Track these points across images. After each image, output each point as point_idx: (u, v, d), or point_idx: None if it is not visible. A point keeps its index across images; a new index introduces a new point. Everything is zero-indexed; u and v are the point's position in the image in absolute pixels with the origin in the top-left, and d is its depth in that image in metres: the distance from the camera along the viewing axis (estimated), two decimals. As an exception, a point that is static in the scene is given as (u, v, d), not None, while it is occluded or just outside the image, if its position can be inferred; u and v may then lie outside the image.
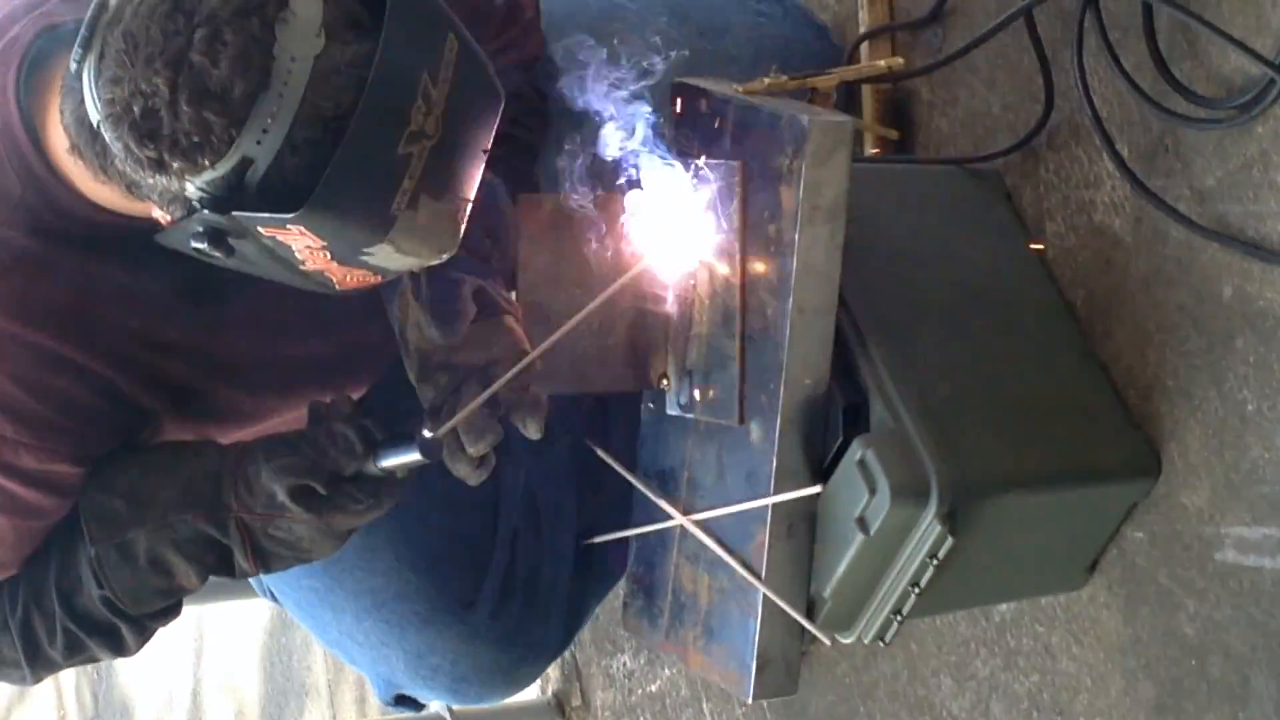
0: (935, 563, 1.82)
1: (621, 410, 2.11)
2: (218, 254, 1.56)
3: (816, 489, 1.84)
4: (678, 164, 1.86)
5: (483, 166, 1.61)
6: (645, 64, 1.80)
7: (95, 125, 1.53)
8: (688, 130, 1.90)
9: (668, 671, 2.86)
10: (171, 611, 1.88)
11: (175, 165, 1.49)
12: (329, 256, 1.55)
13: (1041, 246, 2.05)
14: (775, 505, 1.85)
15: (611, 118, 1.80)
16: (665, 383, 1.95)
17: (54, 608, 1.82)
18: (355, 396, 1.98)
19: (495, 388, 1.72)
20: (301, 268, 1.58)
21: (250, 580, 2.20)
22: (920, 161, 2.20)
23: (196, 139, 1.48)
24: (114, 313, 1.78)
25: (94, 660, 1.92)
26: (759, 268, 1.83)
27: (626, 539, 2.08)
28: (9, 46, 1.68)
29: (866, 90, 2.25)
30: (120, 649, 1.87)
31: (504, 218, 1.91)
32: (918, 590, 1.85)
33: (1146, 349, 1.93)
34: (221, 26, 1.46)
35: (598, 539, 2.17)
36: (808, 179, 1.77)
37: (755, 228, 1.83)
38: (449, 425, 1.72)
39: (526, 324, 1.86)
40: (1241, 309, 1.83)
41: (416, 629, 2.16)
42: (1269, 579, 1.82)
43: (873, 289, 1.89)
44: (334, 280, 1.61)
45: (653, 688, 2.90)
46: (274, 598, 2.27)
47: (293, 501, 1.74)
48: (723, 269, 1.86)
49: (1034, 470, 1.88)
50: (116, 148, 1.52)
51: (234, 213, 1.51)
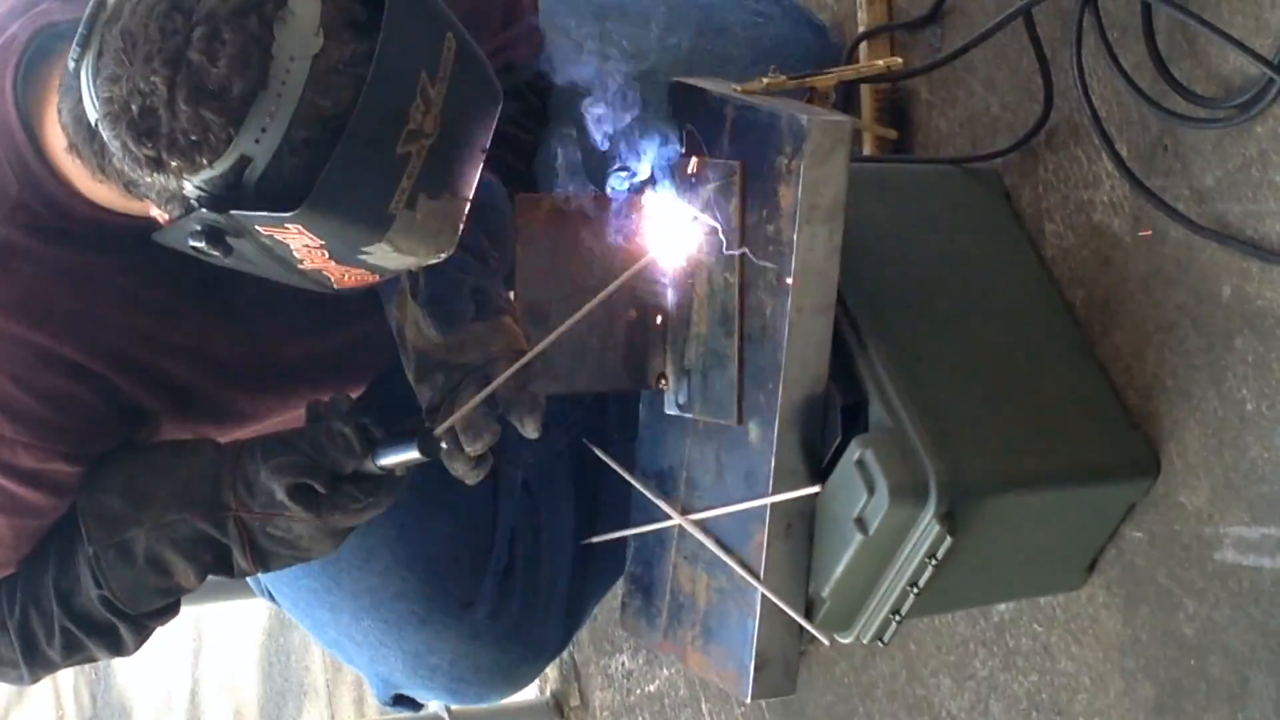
0: (934, 562, 1.81)
1: (620, 410, 2.11)
2: (216, 253, 1.56)
3: (815, 489, 1.84)
4: (676, 163, 1.86)
5: (481, 166, 1.61)
6: (644, 63, 1.80)
7: (93, 124, 1.53)
8: (686, 130, 1.89)
9: (666, 671, 2.86)
10: (170, 611, 1.88)
11: (173, 164, 1.49)
12: (327, 255, 1.55)
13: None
14: (774, 505, 1.85)
15: (610, 117, 1.80)
16: (663, 382, 1.94)
17: (52, 607, 1.82)
18: (354, 395, 1.98)
19: (493, 387, 1.72)
20: (299, 267, 1.58)
21: (248, 580, 2.20)
22: (919, 161, 2.19)
23: (195, 138, 1.48)
24: (113, 312, 1.78)
25: (92, 660, 1.92)
26: (757, 267, 1.83)
27: (625, 539, 2.08)
28: (7, 45, 1.68)
29: (865, 90, 2.25)
30: (119, 648, 1.87)
31: (502, 217, 1.91)
32: (916, 590, 1.85)
33: (1145, 349, 1.93)
34: (220, 25, 1.46)
35: (596, 539, 2.17)
36: (806, 178, 1.77)
37: (754, 227, 1.83)
38: (447, 424, 1.72)
39: (524, 323, 1.86)
40: (1240, 308, 1.82)
41: (415, 629, 2.16)
42: (1268, 579, 1.82)
43: (871, 289, 1.89)
44: (332, 279, 1.61)
45: (651, 688, 2.90)
46: (272, 597, 2.27)
47: (291, 500, 1.74)
48: (721, 269, 1.86)
49: (1033, 470, 1.88)
50: (114, 146, 1.52)
51: (232, 211, 1.51)
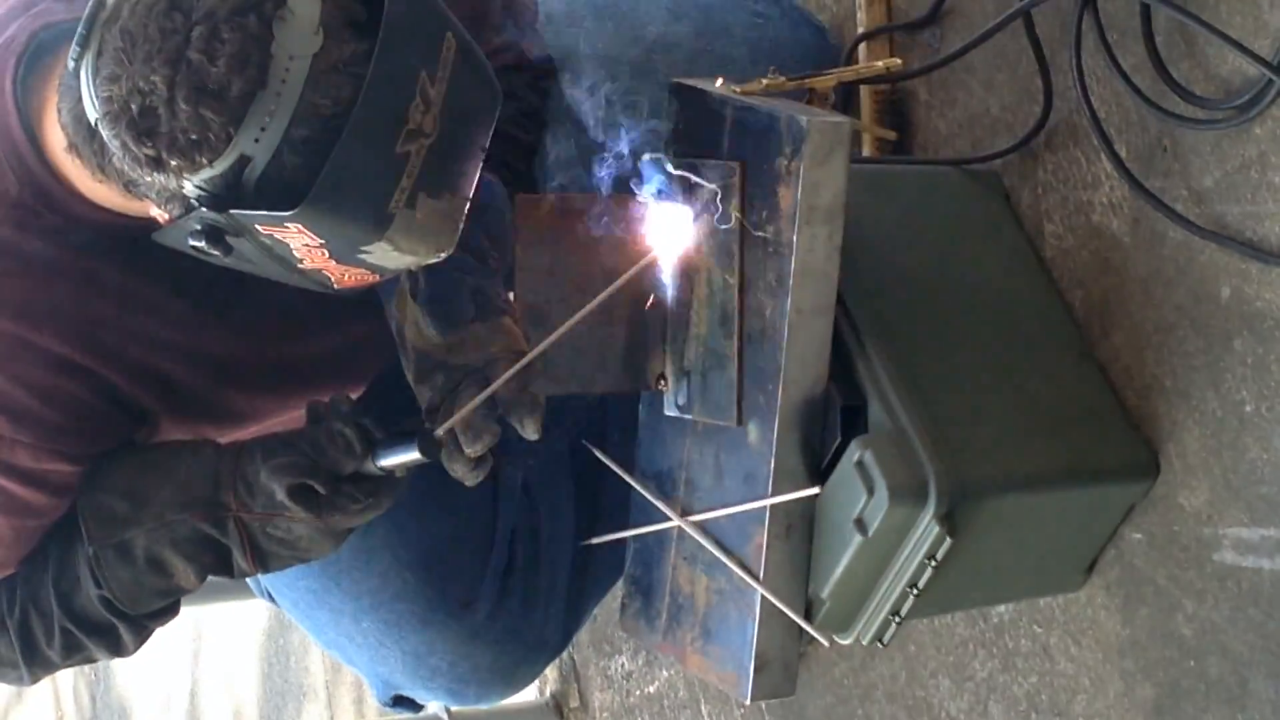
0: (933, 564, 1.81)
1: (619, 411, 2.11)
2: (215, 252, 1.56)
3: (815, 490, 1.84)
4: (676, 164, 1.86)
5: (481, 165, 1.61)
6: (643, 64, 1.80)
7: (93, 123, 1.53)
8: (686, 131, 1.89)
9: (666, 673, 2.86)
10: (169, 611, 1.88)
11: (173, 163, 1.49)
12: (327, 255, 1.55)
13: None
14: (773, 506, 1.85)
15: (609, 118, 1.80)
16: (663, 383, 1.94)
17: (52, 607, 1.82)
18: (354, 396, 1.98)
19: (493, 388, 1.72)
20: (299, 266, 1.58)
21: (248, 581, 2.20)
22: (918, 162, 2.19)
23: (194, 137, 1.48)
24: (113, 313, 1.78)
25: (92, 660, 1.92)
26: (757, 268, 1.83)
27: (624, 540, 2.07)
28: (6, 45, 1.69)
29: (864, 91, 2.25)
30: (118, 649, 1.87)
31: (502, 218, 1.90)
32: (916, 591, 1.85)
33: (1144, 350, 1.93)
34: (219, 24, 1.46)
35: (596, 540, 2.17)
36: (806, 179, 1.77)
37: (753, 228, 1.83)
38: (447, 425, 1.72)
39: (524, 324, 1.86)
40: (1239, 310, 1.82)
41: (414, 629, 2.16)
42: (1267, 580, 1.82)
43: (871, 290, 1.89)
44: (332, 279, 1.61)
45: (651, 689, 2.90)
46: (272, 598, 2.27)
47: (291, 501, 1.74)
48: (721, 270, 1.86)
49: (1032, 471, 1.88)
50: (114, 146, 1.52)
51: (232, 211, 1.51)
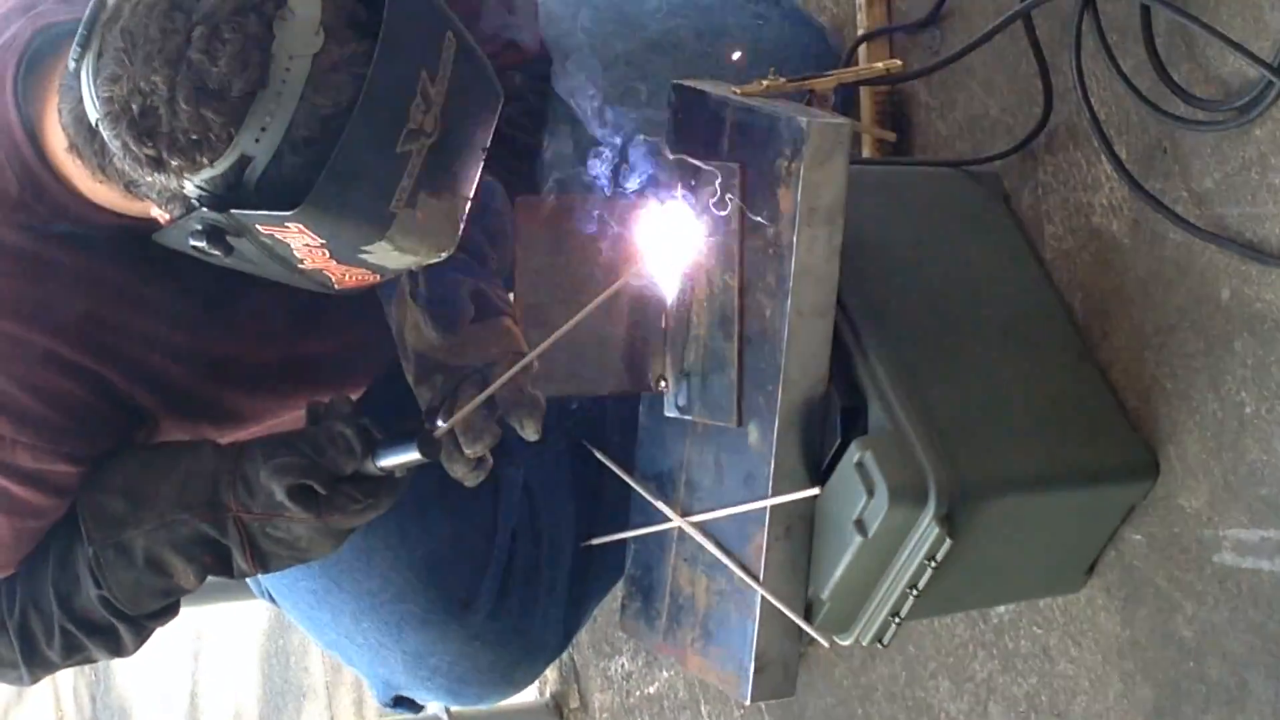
0: (933, 565, 1.81)
1: (619, 412, 2.11)
2: (216, 252, 1.56)
3: (814, 491, 1.84)
4: (676, 166, 1.86)
5: (481, 165, 1.61)
6: (643, 65, 1.80)
7: (94, 124, 1.53)
8: (686, 132, 1.90)
9: (666, 673, 2.86)
10: (169, 612, 1.88)
11: (174, 163, 1.49)
12: (328, 255, 1.55)
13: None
14: (773, 507, 1.85)
15: (609, 119, 1.80)
16: (663, 385, 1.94)
17: (52, 608, 1.82)
18: (354, 397, 1.98)
19: (493, 388, 1.72)
20: (300, 266, 1.58)
21: (248, 582, 2.20)
22: (918, 164, 2.19)
23: (195, 137, 1.48)
24: (113, 313, 1.78)
25: (92, 661, 1.92)
26: (757, 270, 1.83)
27: (624, 541, 2.08)
28: (7, 46, 1.69)
29: (865, 92, 2.25)
30: (118, 649, 1.87)
31: (502, 219, 1.91)
32: (916, 592, 1.85)
33: (1144, 351, 1.93)
34: (220, 24, 1.46)
35: (596, 541, 2.17)
36: (806, 181, 1.77)
37: (753, 229, 1.83)
38: (447, 425, 1.72)
39: (524, 325, 1.86)
40: (1240, 311, 1.82)
41: (415, 630, 2.16)
42: (1267, 581, 1.82)
43: (871, 291, 1.89)
44: (332, 279, 1.61)
45: (651, 689, 2.90)
46: (272, 599, 2.27)
47: (291, 501, 1.73)
48: (721, 271, 1.86)
49: (1032, 472, 1.88)
50: (115, 146, 1.52)
51: (233, 211, 1.51)
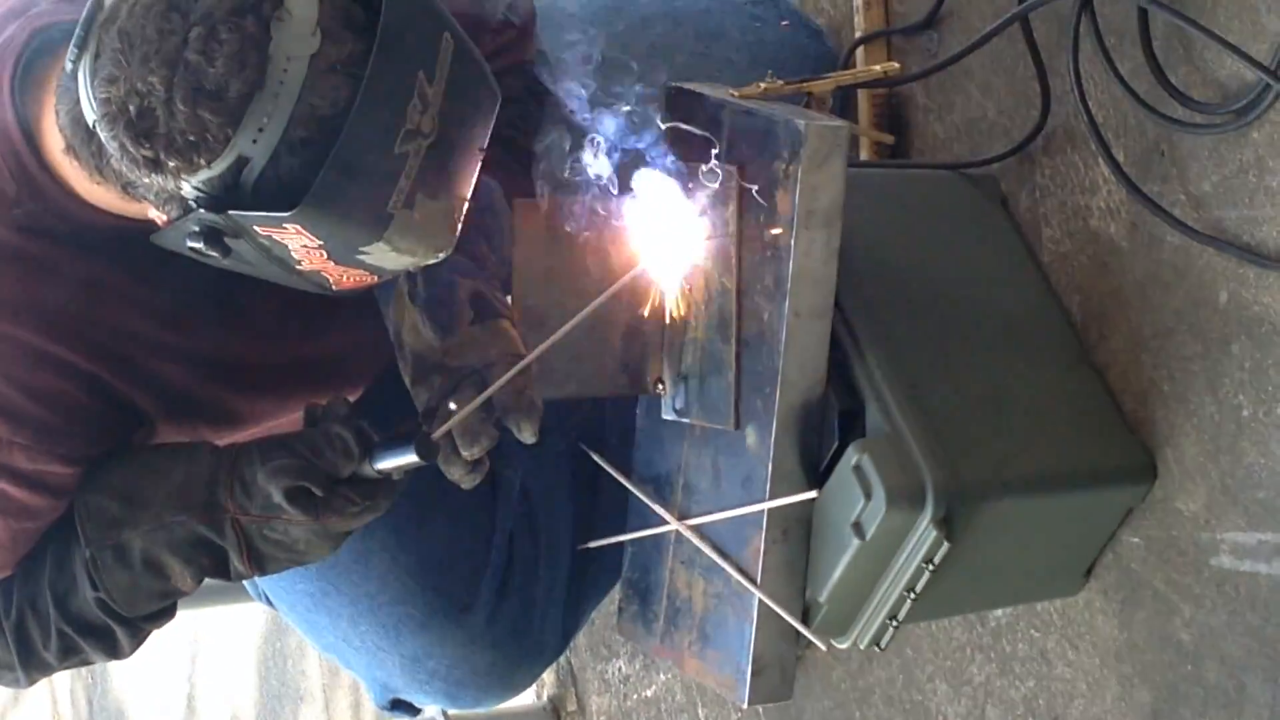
0: (931, 568, 1.81)
1: (617, 414, 2.11)
2: (214, 254, 1.56)
3: (812, 494, 1.84)
4: (673, 168, 1.86)
5: (479, 165, 1.61)
6: (641, 68, 1.80)
7: (91, 125, 1.53)
8: (683, 134, 1.89)
9: (663, 676, 2.85)
10: (166, 614, 1.88)
11: (171, 164, 1.49)
12: (325, 256, 1.55)
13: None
14: (771, 510, 1.84)
15: (607, 121, 1.80)
16: (660, 387, 1.94)
17: (48, 609, 1.82)
18: (351, 398, 1.98)
19: (491, 391, 1.72)
20: (298, 267, 1.58)
21: (245, 584, 2.20)
22: (916, 166, 2.19)
23: (192, 138, 1.48)
24: (111, 315, 1.78)
25: (88, 663, 1.92)
26: (755, 272, 1.83)
27: (622, 543, 2.07)
28: (4, 47, 1.69)
29: (862, 95, 2.25)
30: (115, 651, 1.87)
31: (500, 221, 1.91)
32: (913, 595, 1.85)
33: (1142, 354, 1.93)
34: (217, 25, 1.46)
35: (593, 544, 2.17)
36: (803, 183, 1.77)
37: (751, 232, 1.83)
38: (444, 428, 1.72)
39: (522, 327, 1.86)
40: (1237, 314, 1.82)
41: (413, 632, 2.16)
42: (1264, 584, 1.82)
43: (868, 293, 1.89)
44: (330, 280, 1.61)
45: (648, 693, 2.90)
46: (269, 602, 2.27)
47: (289, 503, 1.73)
48: (718, 274, 1.86)
49: (1030, 475, 1.88)
50: (112, 147, 1.52)
51: (230, 212, 1.51)
